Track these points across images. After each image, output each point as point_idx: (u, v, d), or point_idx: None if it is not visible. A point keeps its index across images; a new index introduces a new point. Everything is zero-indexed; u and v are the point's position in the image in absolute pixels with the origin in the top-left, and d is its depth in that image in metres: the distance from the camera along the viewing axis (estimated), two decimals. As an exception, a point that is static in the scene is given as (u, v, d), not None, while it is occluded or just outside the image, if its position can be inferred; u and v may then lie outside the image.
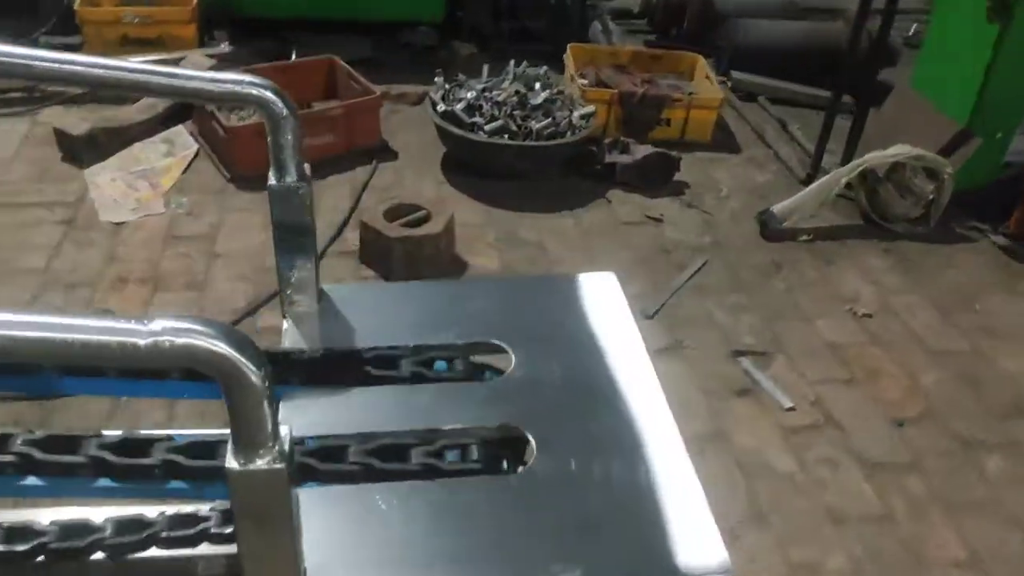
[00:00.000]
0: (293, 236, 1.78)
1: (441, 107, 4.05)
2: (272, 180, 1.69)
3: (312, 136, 4.06)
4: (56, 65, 1.45)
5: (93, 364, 1.39)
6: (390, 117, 4.54)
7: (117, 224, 3.66)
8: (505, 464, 1.47)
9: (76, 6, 4.60)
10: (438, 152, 4.25)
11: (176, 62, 4.52)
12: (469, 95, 4.08)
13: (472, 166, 4.10)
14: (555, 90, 4.24)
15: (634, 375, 1.55)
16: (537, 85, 4.23)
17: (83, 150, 3.99)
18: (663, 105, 4.51)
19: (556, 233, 3.84)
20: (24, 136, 4.14)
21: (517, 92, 4.11)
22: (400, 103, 4.72)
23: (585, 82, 4.60)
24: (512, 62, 4.35)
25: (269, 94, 1.61)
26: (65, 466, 1.29)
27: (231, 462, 1.00)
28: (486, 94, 4.11)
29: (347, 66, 4.37)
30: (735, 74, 5.26)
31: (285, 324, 1.90)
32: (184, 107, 4.24)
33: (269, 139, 1.70)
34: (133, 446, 1.31)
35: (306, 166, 1.75)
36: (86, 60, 1.49)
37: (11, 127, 4.17)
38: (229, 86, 1.63)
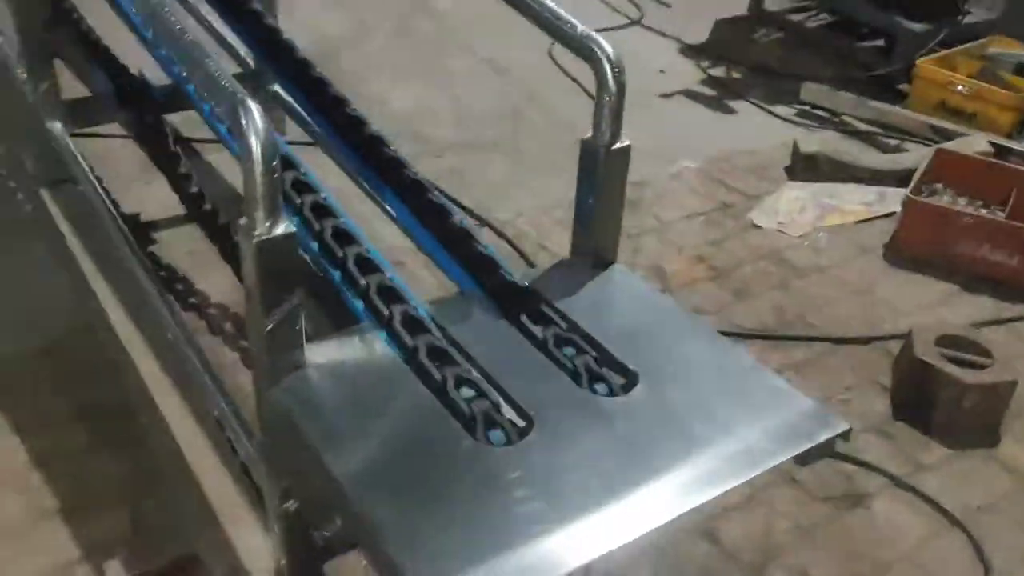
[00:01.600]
0: (591, 202, 1.75)
1: None
2: (588, 136, 1.72)
3: (987, 245, 3.50)
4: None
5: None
6: None
7: (755, 226, 3.87)
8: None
9: (919, 60, 4.67)
10: None
11: (957, 135, 4.30)
12: None
13: None
14: None
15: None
16: None
17: (802, 167, 4.22)
18: None
19: None
20: (786, 142, 4.47)
21: None
22: None
23: None
24: None
25: (599, 53, 1.64)
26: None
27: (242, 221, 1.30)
28: None
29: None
30: None
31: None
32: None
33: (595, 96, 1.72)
34: None
35: (626, 140, 1.71)
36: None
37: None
38: (569, 30, 1.72)
